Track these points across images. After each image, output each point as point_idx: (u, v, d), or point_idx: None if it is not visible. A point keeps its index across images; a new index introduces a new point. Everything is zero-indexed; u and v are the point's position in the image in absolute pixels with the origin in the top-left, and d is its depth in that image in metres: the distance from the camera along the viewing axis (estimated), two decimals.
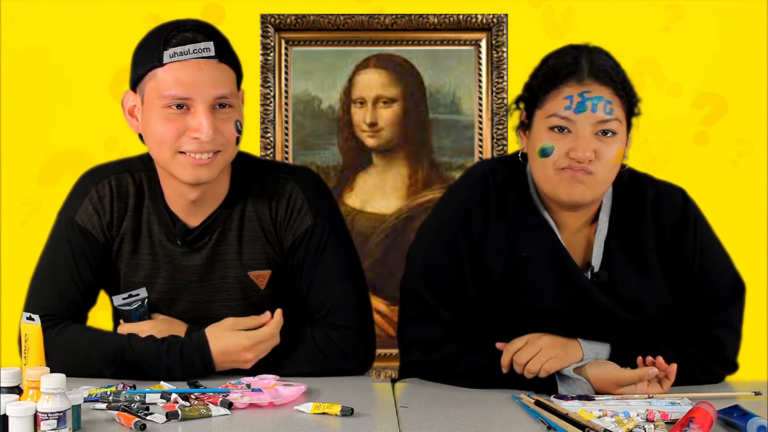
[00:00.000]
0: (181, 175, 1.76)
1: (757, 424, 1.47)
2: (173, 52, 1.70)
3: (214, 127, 1.71)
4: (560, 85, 1.72)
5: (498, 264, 1.79)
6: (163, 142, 1.73)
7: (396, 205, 2.94)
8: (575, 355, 1.75)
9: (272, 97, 2.91)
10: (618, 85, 1.74)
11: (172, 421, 1.48)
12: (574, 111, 1.69)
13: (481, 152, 2.92)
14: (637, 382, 1.70)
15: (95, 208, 1.85)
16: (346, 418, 1.52)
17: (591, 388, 1.72)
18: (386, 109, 2.93)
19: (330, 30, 2.91)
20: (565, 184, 1.71)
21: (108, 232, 1.85)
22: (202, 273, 1.85)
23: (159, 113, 1.72)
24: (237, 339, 1.76)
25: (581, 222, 1.83)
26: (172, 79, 1.70)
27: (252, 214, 1.86)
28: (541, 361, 1.72)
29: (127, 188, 1.86)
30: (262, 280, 1.86)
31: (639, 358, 1.73)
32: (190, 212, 1.84)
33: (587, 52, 1.77)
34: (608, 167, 1.73)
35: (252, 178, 1.88)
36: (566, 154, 1.70)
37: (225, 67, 1.75)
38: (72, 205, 1.87)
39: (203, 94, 1.71)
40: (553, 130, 1.71)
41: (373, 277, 2.75)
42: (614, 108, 1.72)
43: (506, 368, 1.75)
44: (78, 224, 1.84)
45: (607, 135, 1.71)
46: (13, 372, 1.47)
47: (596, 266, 1.81)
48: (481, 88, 2.92)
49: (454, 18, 2.90)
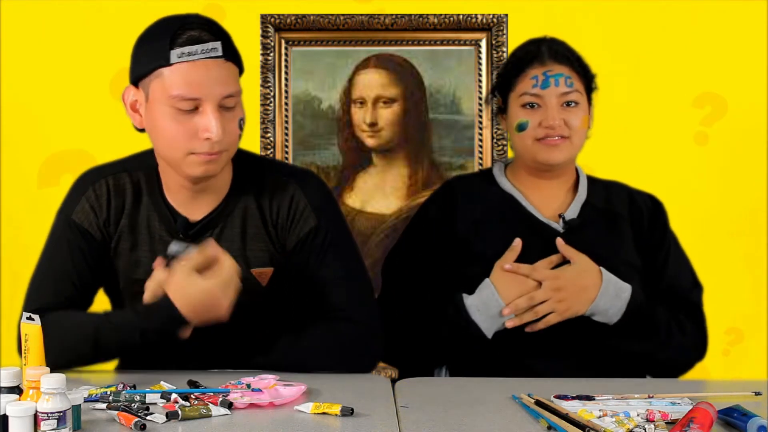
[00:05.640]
0: (191, 172, 1.77)
1: (757, 424, 1.47)
2: (181, 52, 1.70)
3: (223, 127, 1.72)
4: (526, 69, 2.00)
5: (467, 236, 2.01)
6: (174, 142, 1.74)
7: (396, 205, 2.94)
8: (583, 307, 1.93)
9: (272, 97, 2.91)
10: (574, 63, 2.01)
11: (172, 421, 1.48)
12: (541, 87, 1.98)
13: (481, 152, 2.93)
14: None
15: (92, 206, 1.86)
16: (346, 418, 1.52)
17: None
18: (386, 109, 2.93)
19: (330, 30, 2.91)
20: (545, 150, 1.98)
21: (105, 230, 1.86)
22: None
23: (166, 112, 1.72)
24: (203, 285, 1.71)
25: (558, 189, 2.06)
26: (180, 79, 1.70)
27: (254, 212, 1.86)
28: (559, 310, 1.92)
29: (124, 187, 1.86)
30: (264, 277, 1.87)
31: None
32: (192, 206, 1.85)
33: (546, 41, 2.05)
34: (579, 132, 2.00)
35: (254, 175, 1.88)
36: (540, 125, 1.98)
37: (231, 65, 1.76)
38: (69, 204, 1.88)
39: (211, 94, 1.71)
40: (525, 107, 2.00)
41: (373, 277, 2.74)
42: (574, 82, 1.99)
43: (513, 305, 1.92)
44: (75, 222, 1.85)
45: (571, 105, 1.99)
46: (13, 372, 1.47)
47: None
48: (481, 88, 2.92)
49: (454, 18, 2.90)
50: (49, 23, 2.88)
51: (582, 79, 2.02)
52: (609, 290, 1.91)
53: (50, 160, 2.88)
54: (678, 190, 2.73)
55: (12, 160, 2.88)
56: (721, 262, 2.74)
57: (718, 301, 2.10)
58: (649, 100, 2.95)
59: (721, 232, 2.91)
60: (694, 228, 2.16)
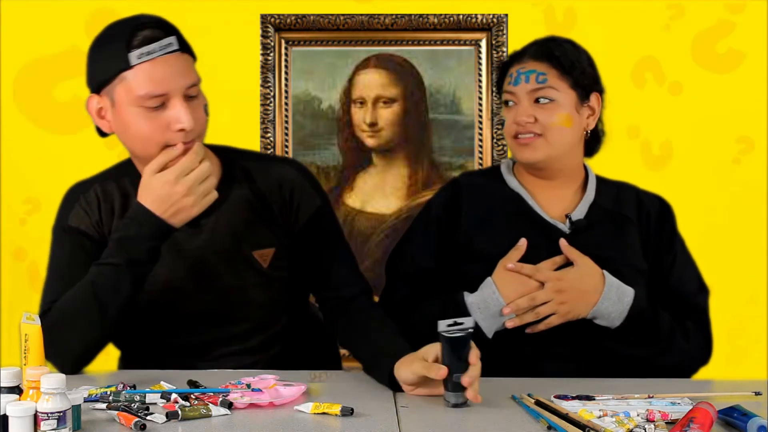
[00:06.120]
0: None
1: (757, 424, 1.47)
2: (140, 53, 1.74)
3: (193, 115, 1.77)
4: (509, 68, 2.02)
5: (471, 234, 2.00)
6: (149, 140, 1.77)
7: (396, 205, 2.94)
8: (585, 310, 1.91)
9: (272, 97, 2.91)
10: (555, 59, 1.97)
11: (172, 421, 1.48)
12: (513, 84, 1.98)
13: (481, 152, 2.93)
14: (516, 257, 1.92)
15: (85, 210, 1.90)
16: (346, 418, 1.52)
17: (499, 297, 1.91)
18: (386, 109, 2.93)
19: (330, 30, 2.91)
20: (518, 148, 1.99)
21: (99, 229, 1.89)
22: (204, 255, 1.87)
23: (136, 112, 1.76)
24: (162, 178, 1.76)
25: (565, 189, 2.03)
26: (144, 79, 1.74)
27: (251, 197, 1.91)
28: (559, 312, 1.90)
29: (112, 193, 1.91)
30: (265, 258, 1.90)
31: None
32: None
33: (542, 40, 2.03)
34: (554, 129, 1.96)
35: (242, 163, 1.94)
36: (513, 122, 1.98)
37: (187, 56, 1.80)
38: (63, 215, 1.92)
39: (176, 87, 1.75)
40: (506, 103, 2.01)
41: (373, 277, 2.74)
42: (548, 78, 1.96)
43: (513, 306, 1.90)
44: (71, 227, 1.89)
45: (543, 102, 1.96)
46: (13, 372, 1.47)
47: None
48: (481, 88, 2.92)
49: (454, 18, 2.90)
50: (49, 23, 2.88)
51: (565, 76, 1.96)
52: (611, 294, 1.90)
53: (50, 159, 2.88)
54: (678, 188, 2.73)
55: (12, 160, 2.88)
56: (721, 262, 2.74)
57: (719, 301, 2.09)
58: (649, 99, 2.95)
59: (721, 231, 2.91)
60: (693, 228, 2.15)
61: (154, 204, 1.75)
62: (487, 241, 1.98)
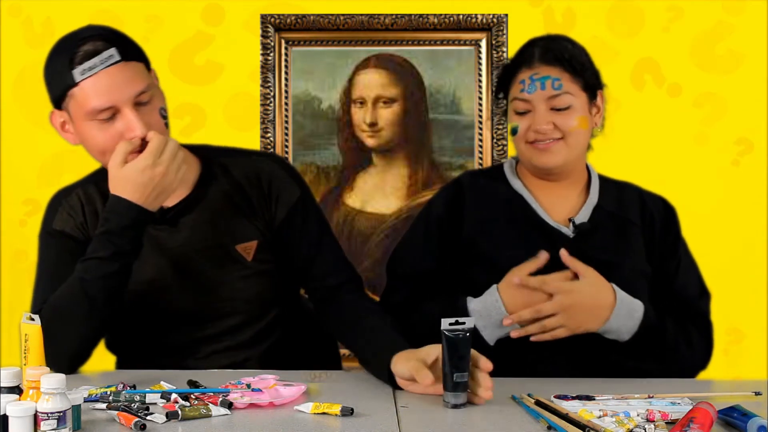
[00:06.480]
0: None
1: (757, 424, 1.47)
2: (82, 69, 1.76)
3: (145, 122, 1.78)
4: (517, 73, 1.97)
5: (473, 236, 1.98)
6: (106, 150, 1.80)
7: (396, 205, 2.94)
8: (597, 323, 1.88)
9: (272, 97, 2.91)
10: (566, 62, 1.95)
11: (172, 421, 1.48)
12: (527, 92, 1.94)
13: (481, 152, 2.93)
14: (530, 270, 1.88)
15: (69, 213, 1.92)
16: (346, 418, 1.52)
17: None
18: (386, 109, 2.93)
19: (330, 30, 2.91)
20: (537, 153, 1.95)
21: (84, 231, 1.91)
22: (187, 253, 1.88)
23: (90, 125, 1.79)
24: (137, 166, 1.76)
25: (568, 191, 2.02)
26: (90, 93, 1.76)
27: (231, 192, 1.92)
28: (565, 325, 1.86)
29: (93, 195, 1.93)
30: (248, 251, 1.91)
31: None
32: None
33: (542, 40, 2.00)
34: (573, 133, 1.94)
35: (219, 160, 1.96)
36: (529, 129, 1.94)
37: (133, 64, 1.80)
38: (48, 220, 1.94)
39: (123, 98, 1.77)
40: (517, 111, 1.97)
41: (373, 277, 2.76)
42: (563, 83, 1.94)
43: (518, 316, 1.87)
44: (56, 230, 1.91)
45: (561, 107, 1.93)
46: (13, 372, 1.47)
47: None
48: (481, 88, 2.93)
49: (454, 18, 2.90)
50: (49, 23, 2.88)
51: (577, 78, 1.94)
52: (622, 310, 1.86)
53: (50, 160, 2.89)
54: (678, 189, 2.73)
55: (12, 160, 2.89)
56: (721, 263, 2.74)
57: (719, 302, 2.09)
58: (649, 100, 2.95)
59: (721, 231, 2.91)
60: (693, 229, 2.15)
61: (136, 193, 1.76)
62: (488, 244, 1.96)
